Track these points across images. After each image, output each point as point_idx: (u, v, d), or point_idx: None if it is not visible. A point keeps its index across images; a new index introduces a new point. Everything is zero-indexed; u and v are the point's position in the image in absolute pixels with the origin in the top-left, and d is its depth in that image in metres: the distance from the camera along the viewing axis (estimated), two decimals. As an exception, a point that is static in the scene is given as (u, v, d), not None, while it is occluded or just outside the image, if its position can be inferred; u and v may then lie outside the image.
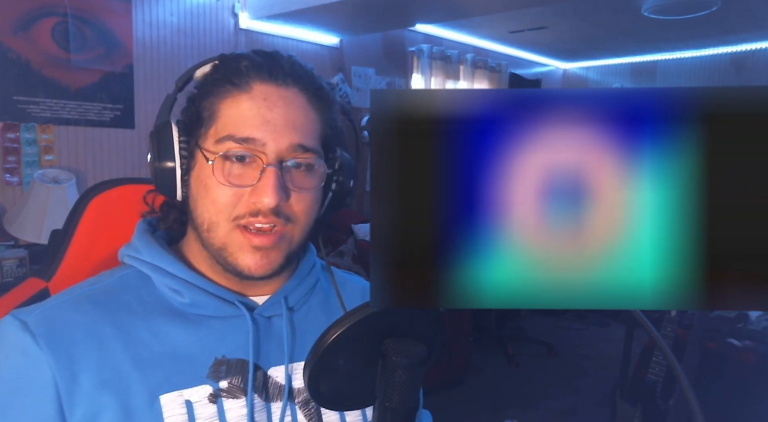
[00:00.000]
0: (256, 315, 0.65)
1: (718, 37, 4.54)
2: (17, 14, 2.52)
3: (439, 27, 4.44)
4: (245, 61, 0.61)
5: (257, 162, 0.59)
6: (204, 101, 0.62)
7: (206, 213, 0.61)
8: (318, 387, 0.49)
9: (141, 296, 0.63)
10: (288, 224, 0.61)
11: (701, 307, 0.30)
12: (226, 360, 0.62)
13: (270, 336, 0.66)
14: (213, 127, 0.61)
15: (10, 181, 2.56)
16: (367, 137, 4.11)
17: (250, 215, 0.59)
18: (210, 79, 0.62)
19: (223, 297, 0.64)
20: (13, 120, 2.55)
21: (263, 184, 0.58)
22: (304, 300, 0.70)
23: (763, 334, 2.17)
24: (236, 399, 0.61)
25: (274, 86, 0.61)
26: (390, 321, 0.48)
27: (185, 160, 0.62)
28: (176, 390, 0.59)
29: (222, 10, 3.29)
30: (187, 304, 0.63)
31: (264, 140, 0.59)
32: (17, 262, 2.29)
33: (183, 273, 0.63)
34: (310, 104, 0.63)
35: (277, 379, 0.65)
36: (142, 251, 0.64)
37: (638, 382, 2.22)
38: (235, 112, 0.60)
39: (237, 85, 0.60)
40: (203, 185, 0.61)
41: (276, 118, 0.59)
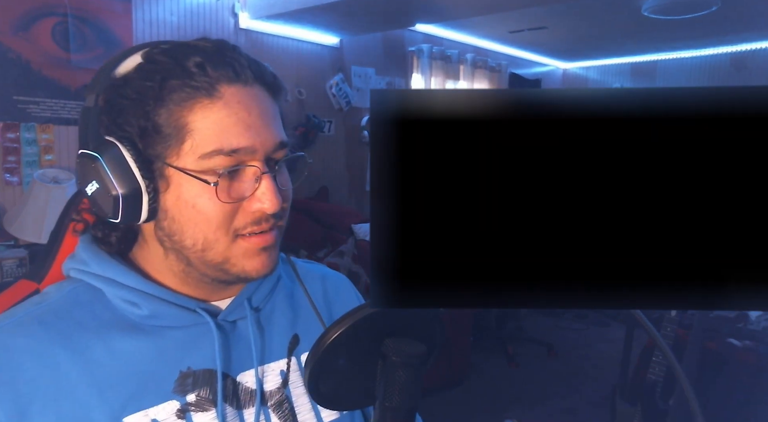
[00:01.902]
0: (221, 321, 0.62)
1: (718, 37, 4.54)
2: (17, 14, 2.52)
3: (439, 27, 4.44)
4: (193, 57, 0.54)
5: (248, 170, 0.56)
6: (159, 112, 0.54)
7: (200, 234, 0.56)
8: (318, 387, 0.49)
9: (94, 311, 0.58)
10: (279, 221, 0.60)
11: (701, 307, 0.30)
12: (192, 372, 0.59)
13: (236, 341, 0.63)
14: (188, 141, 0.54)
15: (10, 180, 2.56)
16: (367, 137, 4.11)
17: (252, 224, 0.57)
18: (153, 83, 0.54)
19: (183, 305, 0.60)
20: (13, 120, 2.55)
21: (263, 191, 0.56)
22: (267, 299, 0.68)
23: (763, 334, 2.17)
24: (206, 411, 0.58)
25: (242, 86, 0.56)
26: (390, 321, 0.48)
27: (149, 182, 0.55)
28: (141, 410, 0.55)
29: (222, 10, 3.29)
30: (145, 316, 0.58)
31: (253, 146, 0.55)
32: (17, 262, 2.29)
33: (138, 283, 0.59)
34: (270, 96, 0.60)
35: (248, 385, 0.62)
36: (90, 263, 0.59)
37: (638, 382, 2.22)
38: (212, 123, 0.54)
39: (200, 89, 0.54)
40: (191, 206, 0.55)
41: (255, 120, 0.56)
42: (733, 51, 4.85)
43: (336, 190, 4.15)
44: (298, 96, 3.78)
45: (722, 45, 4.81)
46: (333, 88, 3.98)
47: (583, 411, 2.98)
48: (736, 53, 4.85)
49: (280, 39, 3.62)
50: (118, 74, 0.56)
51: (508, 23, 4.21)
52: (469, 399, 3.09)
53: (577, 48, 5.15)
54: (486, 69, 4.93)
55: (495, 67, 5.01)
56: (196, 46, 0.56)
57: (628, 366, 2.45)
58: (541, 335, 4.11)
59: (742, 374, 2.09)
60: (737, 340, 2.14)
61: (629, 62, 5.53)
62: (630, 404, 2.18)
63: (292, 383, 0.66)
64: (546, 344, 3.87)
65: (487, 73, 4.94)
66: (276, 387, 0.64)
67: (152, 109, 0.54)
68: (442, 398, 3.05)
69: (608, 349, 3.88)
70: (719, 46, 4.85)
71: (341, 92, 4.02)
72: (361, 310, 0.47)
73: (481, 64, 4.89)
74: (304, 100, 3.81)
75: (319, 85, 3.92)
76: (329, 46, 3.94)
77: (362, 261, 3.14)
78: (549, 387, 3.28)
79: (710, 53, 4.99)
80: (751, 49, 4.76)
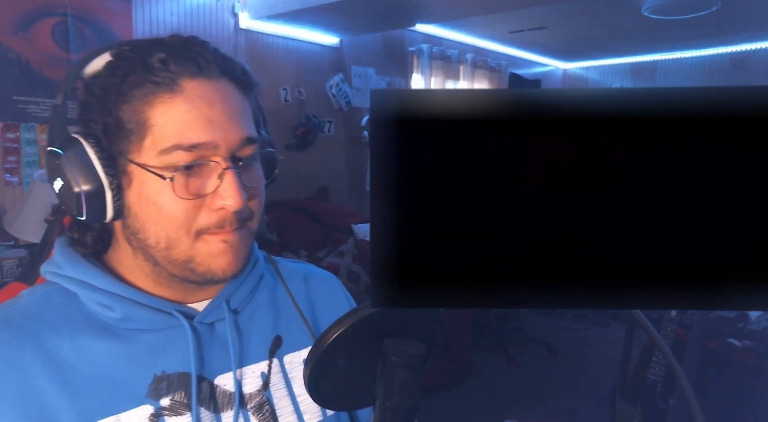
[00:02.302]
0: (197, 323, 0.61)
1: (718, 37, 4.54)
2: (17, 14, 2.52)
3: (439, 27, 4.44)
4: (157, 53, 0.54)
5: (210, 166, 0.55)
6: (121, 108, 0.53)
7: (162, 232, 0.55)
8: (317, 387, 0.49)
9: (66, 314, 0.57)
10: (248, 221, 0.59)
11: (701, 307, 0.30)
12: (166, 376, 0.58)
13: (214, 344, 0.62)
14: (148, 137, 0.53)
15: (10, 181, 2.56)
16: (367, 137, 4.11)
17: (216, 227, 0.56)
18: (117, 80, 0.53)
19: (158, 307, 0.59)
20: (13, 120, 2.55)
21: (225, 188, 0.54)
22: (248, 300, 0.66)
23: (763, 334, 2.17)
24: (180, 416, 0.57)
25: (205, 80, 0.55)
26: (390, 321, 0.48)
27: (113, 179, 0.54)
28: (113, 414, 0.54)
29: (222, 10, 3.29)
30: (119, 319, 0.57)
31: (214, 142, 0.54)
32: (17, 262, 2.29)
33: (111, 286, 0.57)
34: (239, 91, 0.58)
35: (226, 387, 0.61)
36: (64, 266, 0.58)
37: (638, 382, 2.22)
38: (173, 118, 0.53)
39: (161, 85, 0.53)
40: (152, 203, 0.54)
41: (218, 115, 0.54)
42: (733, 51, 4.85)
43: (336, 190, 4.14)
44: (298, 96, 3.78)
45: (722, 45, 4.81)
46: (333, 88, 3.98)
47: (583, 411, 2.98)
48: (736, 53, 4.85)
49: (280, 39, 3.62)
50: (87, 72, 0.56)
51: (508, 23, 4.21)
52: (469, 399, 3.09)
53: (577, 48, 5.15)
54: (486, 69, 4.93)
55: (495, 67, 5.01)
56: (164, 42, 0.56)
57: (628, 366, 2.45)
58: (541, 335, 4.11)
59: (742, 374, 2.09)
60: (737, 340, 2.14)
61: (629, 62, 5.53)
62: (630, 404, 2.18)
63: (273, 385, 0.65)
64: (546, 344, 3.87)
65: (487, 73, 4.94)
66: (256, 389, 0.63)
67: (115, 105, 0.54)
68: (442, 398, 3.05)
69: (608, 349, 3.88)
70: (719, 46, 4.85)
71: (341, 92, 4.02)
72: (361, 310, 0.47)
73: (481, 64, 4.89)
74: (304, 100, 3.81)
75: (319, 85, 3.92)
76: (329, 46, 3.94)
77: (362, 261, 3.14)
78: (549, 387, 3.28)
79: (710, 53, 4.99)
80: (751, 49, 4.76)
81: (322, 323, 0.72)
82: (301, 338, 0.69)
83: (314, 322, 0.72)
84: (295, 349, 0.68)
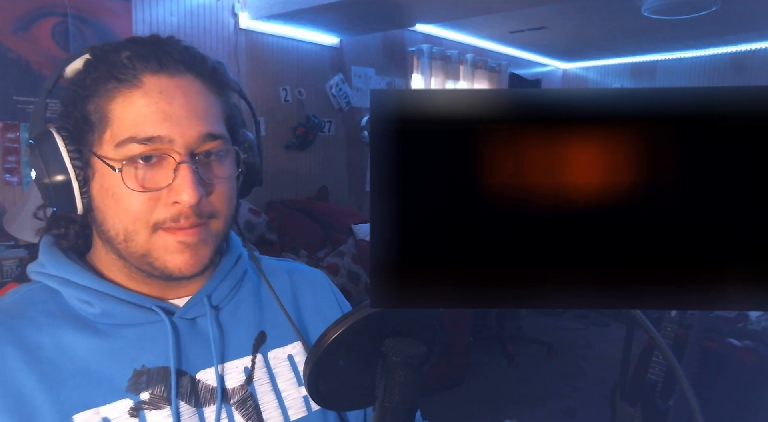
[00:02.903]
0: (177, 319, 0.62)
1: (718, 37, 4.54)
2: (17, 14, 2.52)
3: (439, 27, 4.44)
4: (125, 51, 0.56)
5: (167, 160, 0.55)
6: (88, 103, 0.56)
7: (120, 224, 0.56)
8: (317, 387, 0.49)
9: (48, 310, 0.58)
10: (212, 219, 0.59)
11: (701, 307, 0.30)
12: (146, 371, 0.58)
13: (195, 339, 0.62)
14: (108, 130, 0.55)
15: (10, 181, 2.56)
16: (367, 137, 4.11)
17: (171, 220, 0.56)
18: (89, 77, 0.56)
19: (137, 303, 0.60)
20: (13, 120, 2.55)
21: (179, 182, 0.55)
22: (231, 296, 0.67)
23: (763, 334, 2.17)
24: (160, 409, 0.58)
25: (167, 76, 0.56)
26: (390, 321, 0.48)
27: (80, 171, 0.57)
28: (92, 407, 0.55)
29: (222, 10, 3.29)
30: (98, 315, 0.58)
31: (170, 136, 0.54)
32: (17, 262, 2.29)
33: (91, 282, 0.59)
34: (208, 88, 0.59)
35: (208, 382, 0.61)
36: (47, 265, 0.60)
37: (638, 382, 2.22)
38: (131, 112, 0.54)
39: (124, 81, 0.55)
40: (111, 195, 0.56)
41: (177, 110, 0.55)
42: (733, 51, 4.85)
43: (336, 190, 4.14)
44: (298, 96, 3.78)
45: (722, 45, 4.81)
46: (333, 88, 3.98)
47: (583, 411, 2.98)
48: (736, 53, 4.85)
49: (280, 39, 3.62)
50: (68, 71, 0.59)
51: (508, 23, 4.21)
52: (469, 399, 3.09)
53: (577, 48, 5.15)
54: (486, 69, 4.93)
55: (495, 67, 5.01)
56: (136, 40, 0.58)
57: (628, 366, 2.45)
58: (541, 335, 4.11)
59: (742, 374, 2.09)
60: (737, 340, 2.14)
61: (629, 62, 5.53)
62: (630, 404, 2.18)
63: (257, 380, 0.65)
64: (546, 344, 3.87)
65: (487, 73, 4.94)
66: (239, 384, 0.64)
67: (83, 100, 0.56)
68: (442, 398, 3.05)
69: (608, 349, 3.88)
70: (719, 46, 4.85)
71: (341, 92, 4.02)
72: (361, 310, 0.47)
73: (481, 64, 4.89)
74: (304, 100, 3.81)
75: (319, 85, 3.92)
76: (329, 46, 3.94)
77: (362, 262, 3.14)
78: (549, 387, 3.28)
79: (710, 53, 4.99)
80: (751, 49, 4.76)
81: (307, 319, 0.73)
82: (285, 334, 0.69)
83: (299, 318, 0.72)
84: (279, 345, 0.68)
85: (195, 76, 0.58)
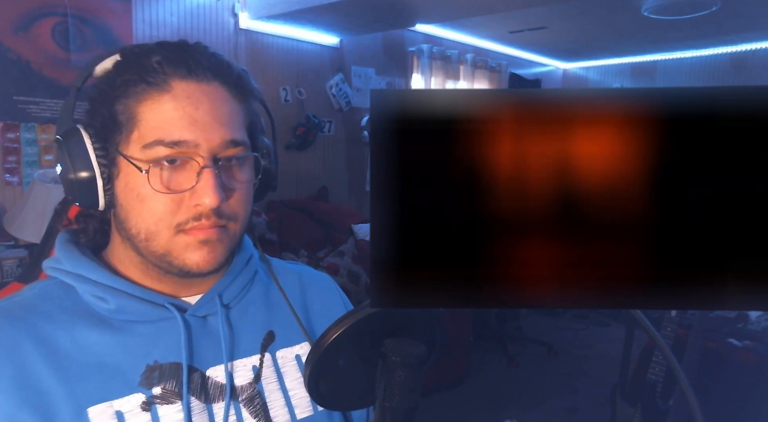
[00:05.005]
0: (189, 316, 0.63)
1: (718, 37, 4.54)
2: (17, 14, 2.52)
3: (439, 27, 4.44)
4: (156, 55, 0.57)
5: (191, 164, 0.57)
6: (117, 103, 0.57)
7: (143, 224, 0.58)
8: (317, 387, 0.49)
9: (63, 305, 0.60)
10: (230, 222, 0.60)
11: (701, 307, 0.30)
12: (158, 366, 0.60)
13: (206, 336, 0.64)
14: (135, 131, 0.57)
15: (10, 181, 2.56)
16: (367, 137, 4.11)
17: (193, 220, 0.57)
18: (119, 78, 0.58)
19: (151, 300, 0.61)
20: (13, 120, 2.55)
21: (202, 185, 0.56)
22: (241, 296, 0.68)
23: (763, 334, 2.17)
24: (171, 404, 0.59)
25: (195, 83, 0.58)
26: (390, 321, 0.48)
27: (105, 168, 0.58)
28: (105, 401, 0.56)
29: (222, 10, 3.29)
30: (113, 311, 0.60)
31: (196, 141, 0.56)
32: (17, 262, 2.29)
33: (106, 279, 0.60)
34: (232, 96, 0.61)
35: (218, 379, 0.63)
36: (63, 261, 0.61)
37: (638, 382, 2.22)
38: (159, 115, 0.56)
39: (154, 84, 0.57)
40: (136, 195, 0.57)
41: (203, 116, 0.57)
42: (733, 51, 4.85)
43: (336, 190, 4.15)
44: (298, 96, 3.78)
45: (722, 45, 4.81)
46: (333, 88, 3.98)
47: (583, 411, 2.98)
48: (736, 53, 4.85)
49: (280, 39, 3.62)
50: (98, 70, 0.61)
51: (508, 23, 4.21)
52: (469, 399, 3.09)
53: (577, 48, 5.15)
54: (486, 69, 4.93)
55: (495, 67, 5.01)
56: (166, 45, 0.59)
57: (628, 366, 2.45)
58: (541, 335, 4.11)
59: (742, 374, 2.09)
60: (737, 340, 2.14)
61: (629, 62, 5.53)
62: (630, 404, 2.18)
63: (265, 378, 0.66)
64: (546, 344, 3.87)
65: (487, 73, 4.94)
66: (247, 382, 0.65)
67: (112, 100, 0.58)
68: (442, 398, 3.05)
69: (608, 349, 3.88)
70: (719, 46, 4.85)
71: (341, 92, 4.02)
72: (361, 310, 0.47)
73: (481, 64, 4.89)
74: (304, 100, 3.81)
75: (319, 85, 3.92)
76: (329, 46, 3.94)
77: (362, 261, 3.14)
78: (549, 387, 3.28)
79: (710, 53, 4.99)
80: (751, 49, 4.76)
81: (315, 321, 0.74)
82: (294, 334, 0.70)
83: (308, 321, 0.73)
84: (287, 345, 0.70)
85: (221, 83, 0.60)
